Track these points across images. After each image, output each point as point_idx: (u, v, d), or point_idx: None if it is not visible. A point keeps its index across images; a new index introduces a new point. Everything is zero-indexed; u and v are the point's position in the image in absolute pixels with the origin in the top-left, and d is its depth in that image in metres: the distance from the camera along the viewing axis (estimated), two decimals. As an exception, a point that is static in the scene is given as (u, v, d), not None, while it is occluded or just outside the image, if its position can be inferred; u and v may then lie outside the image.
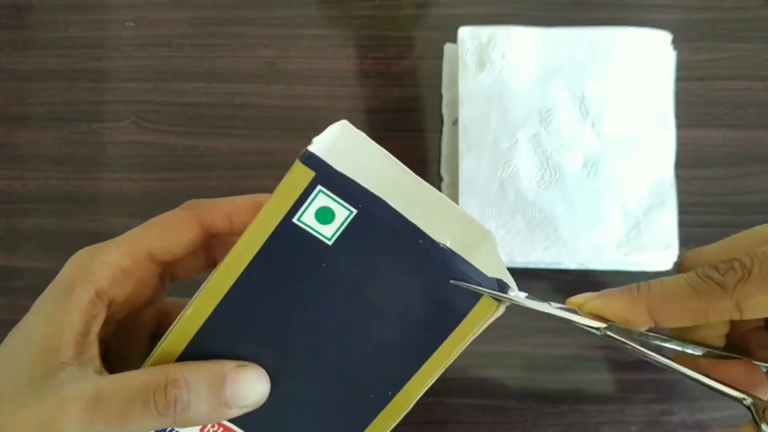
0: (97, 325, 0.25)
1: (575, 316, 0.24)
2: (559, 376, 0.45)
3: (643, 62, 0.43)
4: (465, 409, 0.45)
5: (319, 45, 0.49)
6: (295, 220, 0.23)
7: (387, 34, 0.49)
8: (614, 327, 0.23)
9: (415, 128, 0.48)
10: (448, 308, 0.24)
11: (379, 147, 0.24)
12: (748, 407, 0.22)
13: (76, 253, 0.26)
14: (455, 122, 0.46)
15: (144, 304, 0.28)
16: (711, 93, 0.48)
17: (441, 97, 0.48)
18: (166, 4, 0.50)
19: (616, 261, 0.42)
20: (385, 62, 0.49)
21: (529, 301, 0.24)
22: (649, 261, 0.42)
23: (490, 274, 0.24)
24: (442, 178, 0.46)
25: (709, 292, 0.22)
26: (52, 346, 0.23)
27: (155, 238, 0.26)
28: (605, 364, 0.45)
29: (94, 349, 0.24)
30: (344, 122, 0.24)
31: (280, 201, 0.24)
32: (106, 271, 0.25)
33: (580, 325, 0.23)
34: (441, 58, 0.48)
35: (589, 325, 0.23)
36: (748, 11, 0.49)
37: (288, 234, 0.24)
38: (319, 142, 0.23)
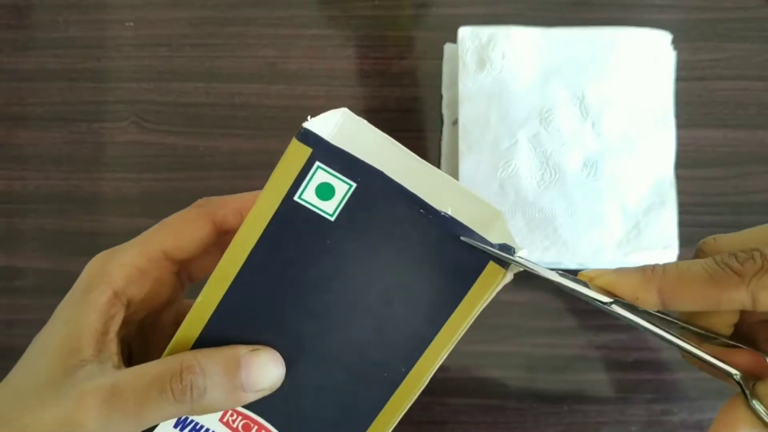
0: (116, 325, 0.25)
1: (584, 287, 0.23)
2: (559, 376, 0.45)
3: (643, 62, 0.43)
4: (465, 409, 0.45)
5: (319, 45, 0.49)
6: (296, 198, 0.24)
7: (387, 34, 0.49)
8: (621, 302, 0.23)
9: (415, 128, 0.48)
10: (455, 278, 0.24)
11: (383, 133, 0.24)
12: (738, 381, 0.22)
13: (94, 257, 0.26)
14: (455, 122, 0.46)
15: (163, 304, 0.28)
16: (711, 93, 0.48)
17: (441, 97, 0.48)
18: (166, 4, 0.50)
19: (616, 261, 0.42)
20: (385, 62, 0.49)
21: (537, 266, 0.23)
22: (649, 261, 0.42)
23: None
24: (442, 178, 0.46)
25: (725, 280, 0.22)
26: (72, 346, 0.24)
27: (168, 237, 0.27)
28: (605, 364, 0.45)
29: (114, 347, 0.25)
30: (344, 109, 0.24)
31: (280, 181, 0.24)
32: (122, 271, 0.25)
33: (588, 297, 0.23)
34: (441, 58, 0.48)
35: (597, 298, 0.23)
36: (748, 11, 0.49)
37: (290, 213, 0.24)
38: (314, 121, 0.23)
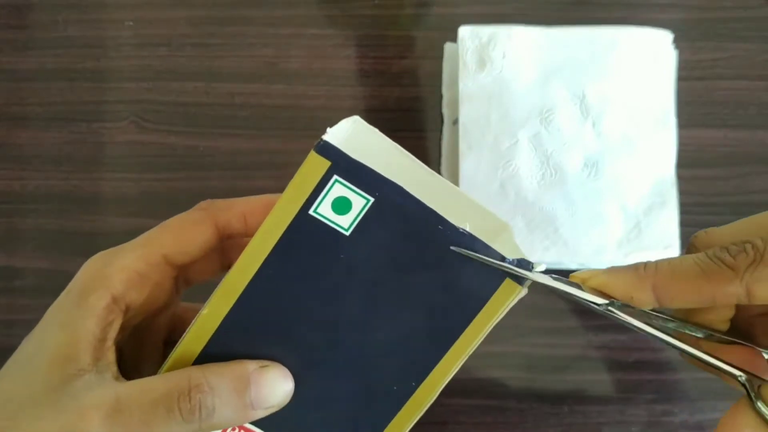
0: (113, 331, 0.24)
1: (578, 290, 0.23)
2: (559, 376, 0.45)
3: (643, 62, 0.43)
4: (465, 410, 0.45)
5: (319, 45, 0.49)
6: (311, 212, 0.23)
7: (387, 33, 0.49)
8: (617, 304, 0.23)
9: (415, 128, 0.48)
10: (470, 293, 0.24)
11: (393, 142, 0.24)
12: (744, 384, 0.22)
13: (90, 258, 0.25)
14: (455, 122, 0.46)
15: (159, 309, 0.27)
16: (712, 93, 0.48)
17: (441, 96, 0.48)
18: (165, 4, 0.50)
19: (617, 261, 0.42)
20: (385, 62, 0.49)
21: (538, 275, 0.23)
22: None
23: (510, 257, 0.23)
24: (442, 178, 0.46)
25: (719, 275, 0.21)
26: (69, 353, 0.23)
27: (170, 240, 0.26)
28: (606, 365, 0.45)
29: (111, 356, 0.24)
30: (356, 118, 0.23)
31: (296, 193, 0.23)
32: (122, 275, 0.24)
33: (582, 300, 0.23)
34: (441, 58, 0.48)
35: (592, 301, 0.23)
36: (749, 11, 0.49)
37: (304, 227, 0.23)
38: (333, 133, 0.23)
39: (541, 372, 0.45)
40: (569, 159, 0.43)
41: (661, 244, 0.42)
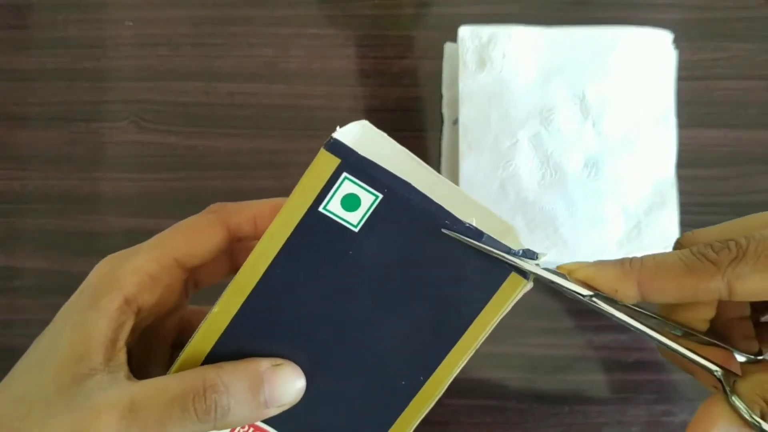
0: (125, 333, 0.24)
1: (563, 280, 0.24)
2: (559, 376, 0.45)
3: (644, 62, 0.43)
4: (465, 410, 0.45)
5: (319, 45, 0.49)
6: (321, 209, 0.23)
7: (387, 33, 0.49)
8: (601, 295, 0.23)
9: (415, 128, 0.48)
10: (476, 287, 0.24)
11: (401, 146, 0.24)
12: (719, 378, 0.23)
13: (102, 259, 0.25)
14: (455, 122, 0.46)
15: (169, 312, 0.28)
16: (712, 93, 0.48)
17: (441, 96, 0.48)
18: (165, 3, 0.50)
19: (617, 261, 0.42)
20: (385, 62, 0.49)
21: (527, 263, 0.24)
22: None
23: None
24: (442, 178, 0.46)
25: (702, 270, 0.22)
26: (81, 354, 0.23)
27: (181, 243, 0.26)
28: (606, 365, 0.45)
29: (123, 356, 0.24)
30: (365, 122, 0.24)
31: (305, 191, 0.23)
32: (134, 277, 0.24)
33: (568, 290, 0.23)
34: (441, 58, 0.48)
35: (577, 291, 0.23)
36: (750, 11, 0.49)
37: (314, 224, 0.24)
38: (342, 133, 0.23)
39: (542, 372, 0.45)
40: (569, 159, 0.43)
41: (661, 244, 0.42)
